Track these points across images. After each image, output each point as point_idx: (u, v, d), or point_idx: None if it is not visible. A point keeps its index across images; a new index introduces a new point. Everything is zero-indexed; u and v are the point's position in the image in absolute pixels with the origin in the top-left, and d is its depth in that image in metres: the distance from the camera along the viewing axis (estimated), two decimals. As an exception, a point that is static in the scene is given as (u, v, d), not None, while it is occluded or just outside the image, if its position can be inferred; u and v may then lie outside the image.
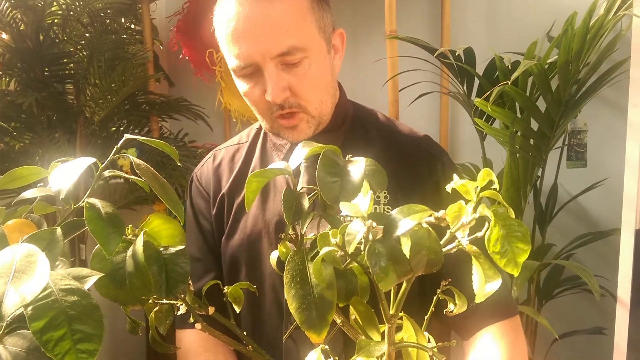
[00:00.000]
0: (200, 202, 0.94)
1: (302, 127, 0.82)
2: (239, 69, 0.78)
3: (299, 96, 0.78)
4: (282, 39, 0.74)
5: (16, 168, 0.51)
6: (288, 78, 0.77)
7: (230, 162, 0.93)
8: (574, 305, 1.55)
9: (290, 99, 0.78)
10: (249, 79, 0.79)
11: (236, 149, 0.95)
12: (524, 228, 0.44)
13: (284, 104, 0.78)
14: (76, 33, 1.78)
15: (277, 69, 0.76)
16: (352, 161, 0.53)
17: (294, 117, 0.80)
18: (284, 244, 0.55)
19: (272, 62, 0.75)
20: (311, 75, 0.78)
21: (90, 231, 0.44)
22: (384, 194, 0.83)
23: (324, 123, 0.85)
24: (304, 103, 0.79)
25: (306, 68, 0.77)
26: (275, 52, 0.74)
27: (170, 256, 0.48)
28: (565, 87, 1.17)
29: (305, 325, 0.47)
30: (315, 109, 0.81)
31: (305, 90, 0.79)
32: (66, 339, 0.33)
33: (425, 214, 0.37)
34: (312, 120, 0.82)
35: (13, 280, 0.31)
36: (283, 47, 0.74)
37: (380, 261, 0.36)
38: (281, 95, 0.77)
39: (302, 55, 0.76)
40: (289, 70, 0.77)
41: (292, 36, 0.75)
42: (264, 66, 0.76)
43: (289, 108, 0.79)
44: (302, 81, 0.78)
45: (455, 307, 0.54)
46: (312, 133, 0.83)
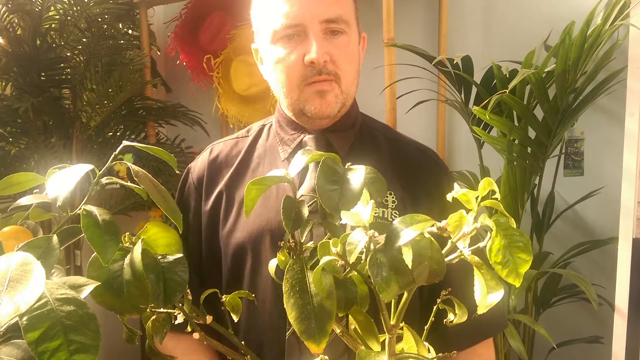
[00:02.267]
0: (190, 196, 0.93)
1: (331, 98, 0.83)
2: (283, 29, 0.81)
3: (337, 65, 0.81)
4: (334, 6, 0.80)
5: (13, 174, 0.50)
6: (330, 46, 0.81)
7: (227, 157, 0.92)
8: (571, 314, 1.55)
9: (329, 65, 0.81)
10: (288, 42, 0.81)
11: (234, 143, 0.94)
12: (525, 238, 0.43)
13: (322, 70, 0.81)
14: (73, 38, 1.78)
15: (322, 34, 0.80)
16: (351, 169, 0.53)
17: (328, 83, 0.82)
18: (283, 252, 0.54)
19: (320, 26, 0.80)
20: (349, 52, 0.83)
21: (87, 239, 0.44)
22: (392, 197, 0.84)
23: (346, 107, 0.86)
24: (340, 73, 0.82)
25: (345, 43, 0.82)
26: (326, 15, 0.79)
27: (168, 264, 0.47)
28: (562, 95, 1.17)
29: (305, 335, 0.46)
30: (346, 84, 0.84)
31: (343, 61, 0.82)
32: (62, 350, 0.32)
33: (427, 224, 0.37)
34: (340, 96, 0.84)
35: (7, 289, 0.31)
36: (333, 13, 0.80)
37: (382, 271, 0.36)
38: (324, 56, 0.80)
39: (344, 27, 0.82)
40: (330, 40, 0.81)
41: (341, 7, 0.81)
42: (310, 28, 0.80)
43: (327, 74, 0.81)
44: (341, 52, 0.82)
45: (455, 317, 0.54)
46: (336, 111, 0.84)
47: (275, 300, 0.82)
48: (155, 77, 2.09)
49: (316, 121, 0.86)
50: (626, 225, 1.08)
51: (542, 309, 1.42)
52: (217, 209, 0.88)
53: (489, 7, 1.68)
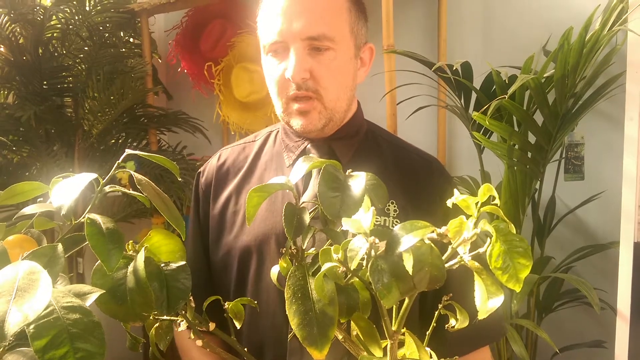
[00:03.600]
0: (200, 201, 0.96)
1: (314, 115, 0.83)
2: (270, 44, 0.83)
3: (318, 82, 0.81)
4: (315, 24, 0.80)
5: (17, 184, 0.51)
6: (312, 62, 0.81)
7: (235, 162, 0.94)
8: (573, 318, 1.54)
9: (309, 82, 0.81)
10: (276, 56, 0.83)
11: (242, 149, 0.96)
12: (525, 244, 0.44)
13: (301, 85, 0.81)
14: (75, 47, 1.79)
15: (304, 51, 0.81)
16: (352, 176, 0.53)
17: (308, 102, 0.82)
18: (284, 259, 0.55)
19: (302, 43, 0.80)
20: (334, 68, 0.82)
21: (91, 247, 0.44)
22: (393, 206, 0.84)
23: (335, 122, 0.86)
24: (322, 91, 0.82)
25: (331, 59, 0.81)
26: (307, 34, 0.79)
27: (171, 272, 0.48)
28: (562, 100, 1.17)
29: (307, 342, 0.46)
30: (330, 100, 0.83)
31: (325, 78, 0.82)
32: (68, 358, 0.32)
33: (427, 231, 0.37)
34: (324, 112, 0.84)
35: (15, 298, 0.31)
36: (315, 31, 0.79)
37: (383, 277, 0.36)
38: (301, 73, 0.80)
39: (329, 44, 0.81)
40: (314, 56, 0.81)
41: (324, 25, 0.80)
42: (292, 45, 0.80)
43: (306, 91, 0.82)
44: (323, 69, 0.81)
45: (456, 322, 0.54)
46: (321, 126, 0.84)
47: (279, 304, 0.82)
48: (157, 85, 2.11)
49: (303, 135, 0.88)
50: (627, 229, 1.08)
51: (544, 314, 1.42)
52: (225, 213, 0.90)
53: (488, 13, 1.69)
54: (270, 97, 0.92)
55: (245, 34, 2.11)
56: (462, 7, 1.72)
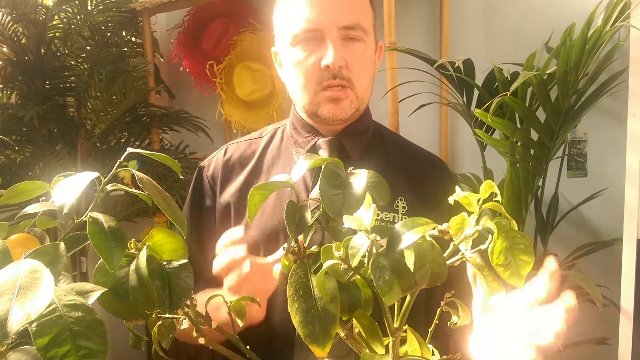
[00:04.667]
0: (205, 195, 0.95)
1: (345, 104, 0.85)
2: (302, 33, 0.83)
3: (352, 71, 0.83)
4: (352, 14, 0.82)
5: (19, 183, 0.51)
6: (346, 52, 0.83)
7: (241, 157, 0.95)
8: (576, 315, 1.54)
9: (344, 70, 0.83)
10: (306, 46, 0.84)
11: (248, 145, 0.97)
12: (527, 240, 0.44)
13: (337, 74, 0.83)
14: (77, 46, 1.79)
15: (339, 40, 0.83)
16: (354, 173, 0.53)
17: (342, 90, 0.84)
18: (286, 256, 0.55)
19: (338, 32, 0.82)
20: (364, 59, 0.85)
21: (93, 245, 0.44)
22: (402, 203, 0.85)
23: (359, 112, 0.88)
24: (355, 80, 0.84)
25: (362, 50, 0.84)
26: (344, 22, 0.81)
27: (173, 270, 0.48)
28: (564, 97, 1.17)
29: (309, 339, 0.46)
30: (361, 90, 0.86)
31: (359, 68, 0.84)
32: (71, 356, 0.32)
33: (428, 227, 0.37)
34: (355, 101, 0.86)
35: (18, 297, 0.31)
36: (351, 20, 0.82)
37: (385, 275, 0.36)
38: (340, 61, 0.82)
39: (361, 35, 0.83)
40: (347, 46, 0.83)
41: (359, 16, 0.83)
42: (328, 34, 0.82)
43: (341, 79, 0.83)
44: (357, 58, 0.84)
45: (458, 319, 0.54)
46: (350, 114, 0.86)
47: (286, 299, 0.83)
48: (159, 84, 2.11)
49: (329, 124, 0.88)
50: (630, 226, 1.07)
51: (547, 311, 1.41)
52: (231, 208, 0.91)
53: (490, 10, 1.68)
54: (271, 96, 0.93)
55: (247, 32, 2.10)
56: (464, 5, 1.72)
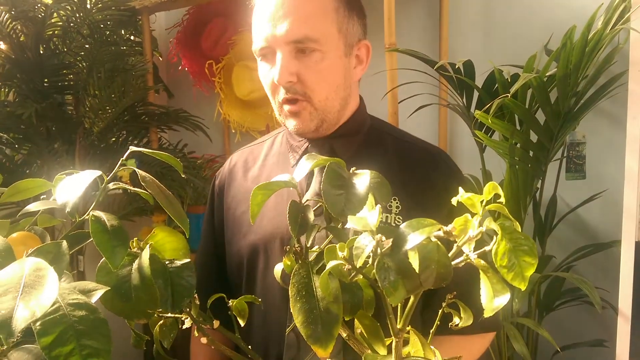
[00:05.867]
0: (214, 203, 0.99)
1: (305, 116, 0.84)
2: (259, 50, 0.84)
3: (305, 84, 0.81)
4: (298, 27, 0.79)
5: (21, 181, 0.51)
6: (298, 65, 0.81)
7: (245, 164, 0.97)
8: (574, 317, 1.55)
9: (296, 85, 0.81)
10: (267, 61, 0.84)
11: (250, 151, 0.99)
12: (530, 242, 0.43)
13: (289, 89, 0.82)
14: (76, 44, 1.79)
15: (290, 55, 0.81)
16: (357, 174, 0.53)
17: (296, 104, 0.83)
18: (288, 256, 0.55)
19: (287, 47, 0.80)
20: (321, 69, 0.82)
21: (95, 244, 0.44)
22: (395, 203, 0.85)
23: (329, 122, 0.86)
24: (309, 92, 0.82)
25: (317, 61, 0.81)
26: (291, 37, 0.79)
27: (175, 270, 0.48)
28: (564, 99, 1.17)
29: (312, 340, 0.46)
30: (319, 101, 0.83)
31: (312, 81, 0.82)
32: (75, 355, 0.32)
33: (434, 228, 0.37)
34: (314, 113, 0.84)
35: (22, 295, 0.31)
36: (298, 34, 0.79)
37: (390, 275, 0.36)
38: (286, 77, 0.80)
39: (314, 46, 0.80)
40: (300, 59, 0.81)
41: (308, 27, 0.80)
42: (277, 49, 0.81)
43: (293, 94, 0.82)
44: (310, 71, 0.81)
45: (460, 320, 0.54)
46: (314, 127, 0.85)
47: (282, 301, 0.84)
48: (158, 83, 2.10)
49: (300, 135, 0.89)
50: (629, 228, 1.08)
51: (545, 313, 1.42)
52: (235, 213, 0.93)
53: (490, 12, 1.69)
54: None
55: (246, 32, 2.10)
56: (464, 6, 1.72)
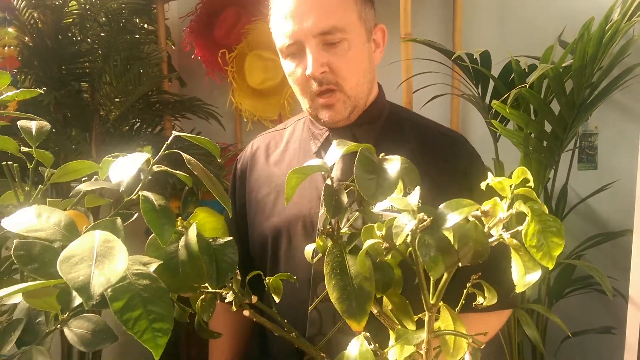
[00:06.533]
0: (236, 186, 1.02)
1: (339, 107, 0.87)
2: (285, 47, 0.86)
3: (337, 74, 0.84)
4: (325, 18, 0.82)
5: (69, 162, 0.53)
6: (328, 56, 0.83)
7: (267, 149, 1.00)
8: (581, 305, 1.57)
9: (328, 75, 0.84)
10: (294, 58, 0.86)
11: (272, 137, 1.02)
12: (558, 223, 0.46)
13: (322, 80, 0.85)
14: (92, 32, 1.81)
15: (318, 47, 0.83)
16: (387, 159, 0.55)
17: (331, 95, 0.86)
18: (321, 237, 0.57)
19: (315, 40, 0.83)
20: (350, 57, 0.85)
21: (146, 222, 0.46)
22: None
23: (359, 107, 0.89)
24: (341, 81, 0.85)
25: (345, 49, 0.84)
26: (317, 30, 0.82)
27: (219, 247, 0.50)
28: (579, 90, 1.19)
29: (346, 315, 0.49)
30: (351, 88, 0.86)
31: (343, 69, 0.85)
32: (143, 319, 0.35)
33: (472, 209, 0.39)
34: (348, 101, 0.87)
35: (96, 263, 0.34)
36: (325, 26, 0.82)
37: (430, 252, 0.39)
38: (319, 69, 0.83)
39: (341, 36, 0.83)
40: (329, 50, 0.84)
41: (333, 17, 0.82)
42: (306, 43, 0.83)
43: (327, 85, 0.85)
44: (340, 60, 0.84)
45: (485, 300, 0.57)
46: (347, 115, 0.88)
47: (305, 281, 0.87)
48: (171, 72, 2.12)
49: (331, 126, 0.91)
50: (640, 217, 1.09)
51: (555, 300, 1.44)
52: (258, 196, 0.96)
53: (504, 2, 1.69)
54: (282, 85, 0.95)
55: (259, 21, 2.11)
56: (478, -3, 1.73)
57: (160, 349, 0.34)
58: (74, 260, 0.33)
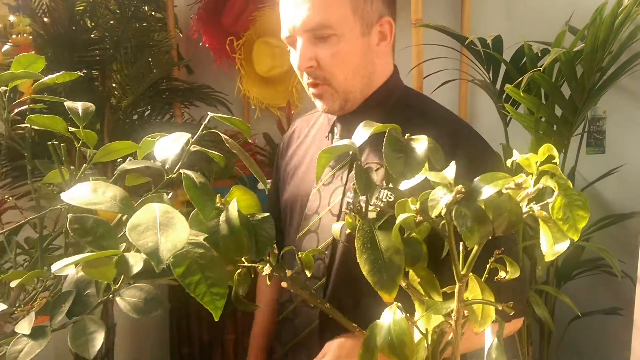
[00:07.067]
0: (278, 161, 1.09)
1: (327, 98, 0.90)
2: (285, 39, 0.90)
3: (324, 69, 0.87)
4: (313, 15, 0.84)
5: (110, 143, 0.55)
6: (316, 50, 0.86)
7: (300, 130, 1.07)
8: (588, 286, 1.60)
9: (316, 70, 0.87)
10: (294, 48, 0.89)
11: (307, 119, 1.08)
12: (583, 197, 0.48)
13: (310, 74, 0.88)
14: (103, 20, 1.82)
15: (308, 41, 0.86)
16: (414, 139, 0.58)
17: (318, 87, 0.89)
18: (350, 215, 0.60)
19: (305, 34, 0.85)
20: (337, 52, 0.86)
21: (189, 198, 0.49)
22: None
23: (351, 101, 0.91)
24: (328, 76, 0.87)
25: (334, 45, 0.85)
26: (307, 26, 0.85)
27: (257, 222, 0.52)
28: (589, 74, 1.21)
29: (378, 286, 0.51)
30: (338, 84, 0.88)
31: (330, 65, 0.86)
32: (202, 283, 0.37)
33: (506, 181, 0.42)
34: (335, 95, 0.89)
35: (161, 231, 0.36)
36: (312, 23, 0.84)
37: (467, 222, 0.41)
38: (305, 63, 0.86)
39: (330, 32, 0.85)
40: (318, 44, 0.86)
41: (322, 13, 0.84)
42: (299, 37, 0.86)
43: (314, 79, 0.88)
44: (328, 56, 0.86)
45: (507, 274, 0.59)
46: (338, 107, 0.91)
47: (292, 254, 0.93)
48: (180, 60, 2.13)
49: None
50: (650, 199, 1.12)
51: (563, 282, 1.47)
52: (286, 171, 1.04)
53: (512, -12, 1.71)
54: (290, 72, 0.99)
55: (267, 8, 2.12)
56: (486, -18, 1.74)
57: (219, 311, 0.36)
58: (140, 229, 0.35)
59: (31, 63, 0.65)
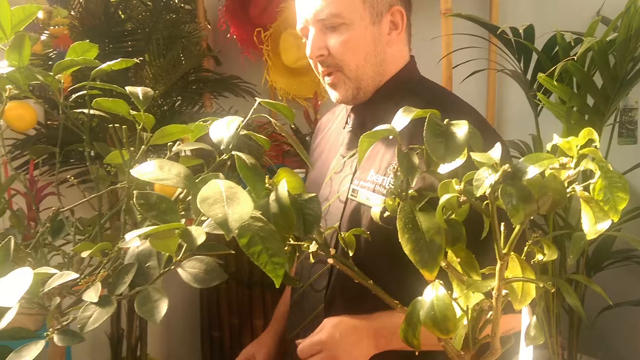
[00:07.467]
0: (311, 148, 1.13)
1: (341, 86, 0.92)
2: (300, 30, 0.93)
3: (335, 56, 0.89)
4: (322, 6, 0.87)
5: (166, 126, 0.58)
6: (327, 39, 0.89)
7: (327, 121, 1.11)
8: (618, 278, 1.59)
9: (327, 59, 0.90)
10: (307, 38, 0.92)
11: (334, 111, 1.11)
12: (623, 179, 0.49)
13: (322, 62, 0.90)
14: (136, 12, 1.86)
15: (319, 31, 0.89)
16: (454, 124, 0.59)
17: (331, 75, 0.91)
18: (390, 197, 0.62)
19: (316, 25, 0.89)
20: (347, 40, 0.89)
21: (242, 177, 0.52)
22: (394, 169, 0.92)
23: (364, 89, 0.93)
24: (340, 63, 0.90)
25: (344, 33, 0.88)
26: (316, 17, 0.88)
27: (304, 202, 0.55)
28: (622, 64, 1.20)
29: (420, 265, 0.54)
30: (350, 70, 0.91)
31: (340, 53, 0.89)
32: (263, 254, 0.40)
33: (551, 162, 0.43)
34: (348, 82, 0.92)
35: (228, 204, 0.39)
36: (322, 14, 0.87)
37: (512, 200, 0.43)
38: (316, 52, 0.89)
39: (340, 21, 0.87)
40: (328, 33, 0.89)
41: (330, 5, 0.87)
42: (312, 27, 0.90)
43: (327, 67, 0.91)
44: (338, 44, 0.89)
45: (544, 257, 0.60)
46: (351, 95, 0.93)
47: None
48: (209, 51, 2.17)
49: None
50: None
51: (593, 273, 1.47)
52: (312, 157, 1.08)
53: (542, -23, 1.69)
54: None
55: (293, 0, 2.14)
56: (516, -29, 1.72)
57: (280, 279, 0.39)
58: (210, 201, 0.38)
59: (85, 51, 0.68)
